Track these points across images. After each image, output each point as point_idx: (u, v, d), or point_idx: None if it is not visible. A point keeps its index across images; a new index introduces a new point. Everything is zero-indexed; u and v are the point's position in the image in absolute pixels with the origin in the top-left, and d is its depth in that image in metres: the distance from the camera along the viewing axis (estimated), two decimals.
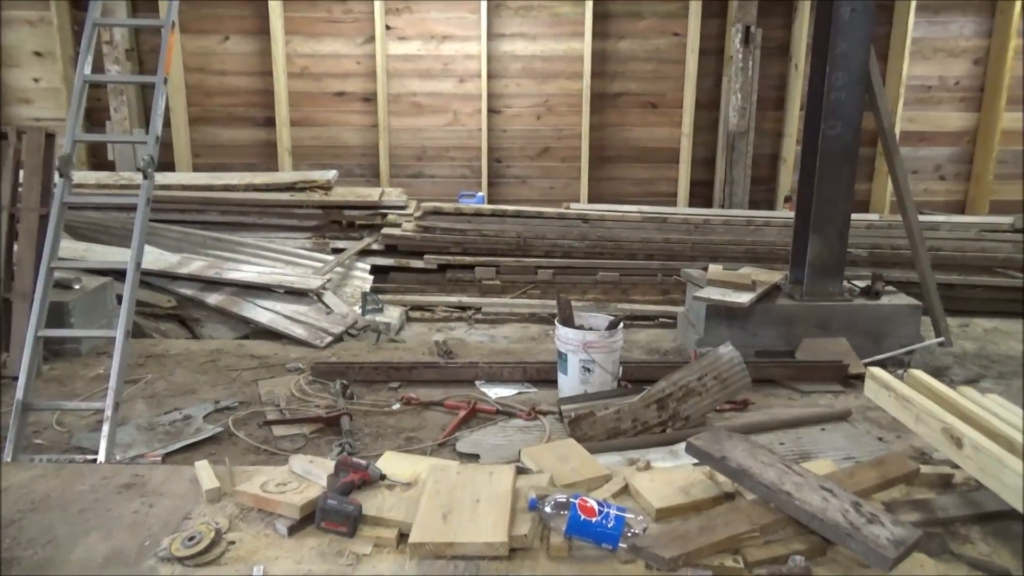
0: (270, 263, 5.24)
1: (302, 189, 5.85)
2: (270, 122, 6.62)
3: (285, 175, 6.19)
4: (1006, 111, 6.63)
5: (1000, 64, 6.55)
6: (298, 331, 4.45)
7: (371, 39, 6.51)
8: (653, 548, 1.85)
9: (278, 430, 3.21)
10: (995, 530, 2.08)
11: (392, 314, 4.91)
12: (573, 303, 3.83)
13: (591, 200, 6.71)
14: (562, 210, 5.88)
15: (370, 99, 6.65)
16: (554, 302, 3.71)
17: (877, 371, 2.48)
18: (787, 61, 6.55)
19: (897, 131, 6.62)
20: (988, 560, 1.94)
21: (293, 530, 2.01)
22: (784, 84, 6.61)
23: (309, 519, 2.02)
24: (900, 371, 2.65)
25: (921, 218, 5.28)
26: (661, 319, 5.07)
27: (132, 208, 3.16)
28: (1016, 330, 5.09)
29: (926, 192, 6.82)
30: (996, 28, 6.58)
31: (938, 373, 3.94)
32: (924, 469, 2.33)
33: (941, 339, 4.31)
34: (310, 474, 2.18)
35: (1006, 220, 6.15)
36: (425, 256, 5.56)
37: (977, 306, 5.43)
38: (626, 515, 1.95)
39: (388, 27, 6.52)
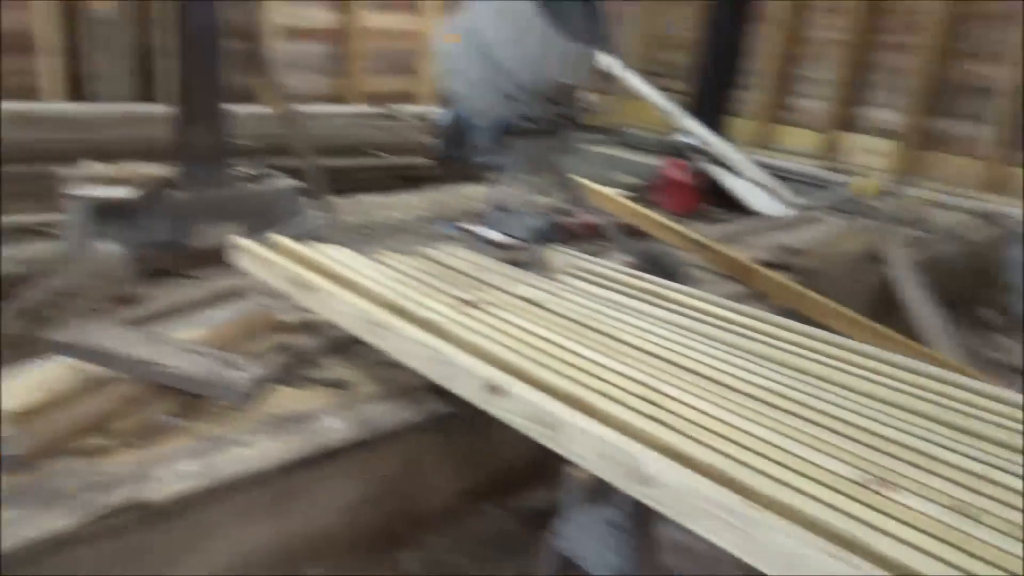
0: None
1: None
2: None
3: None
4: (368, 12, 7.49)
5: None
6: None
7: None
8: (5, 451, 1.75)
9: None
10: (345, 355, 2.51)
11: None
12: None
13: None
14: None
15: None
16: None
17: (241, 241, 2.69)
18: None
19: (282, 26, 6.94)
20: (337, 378, 2.35)
21: None
22: None
23: None
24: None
25: (305, 108, 5.74)
26: (46, 230, 4.54)
27: None
28: (389, 203, 6.04)
29: (309, 85, 7.33)
30: None
31: (322, 241, 4.45)
32: (290, 318, 2.66)
33: (325, 214, 4.86)
34: None
35: (380, 111, 7.13)
36: None
37: (361, 185, 6.21)
38: None
39: None
